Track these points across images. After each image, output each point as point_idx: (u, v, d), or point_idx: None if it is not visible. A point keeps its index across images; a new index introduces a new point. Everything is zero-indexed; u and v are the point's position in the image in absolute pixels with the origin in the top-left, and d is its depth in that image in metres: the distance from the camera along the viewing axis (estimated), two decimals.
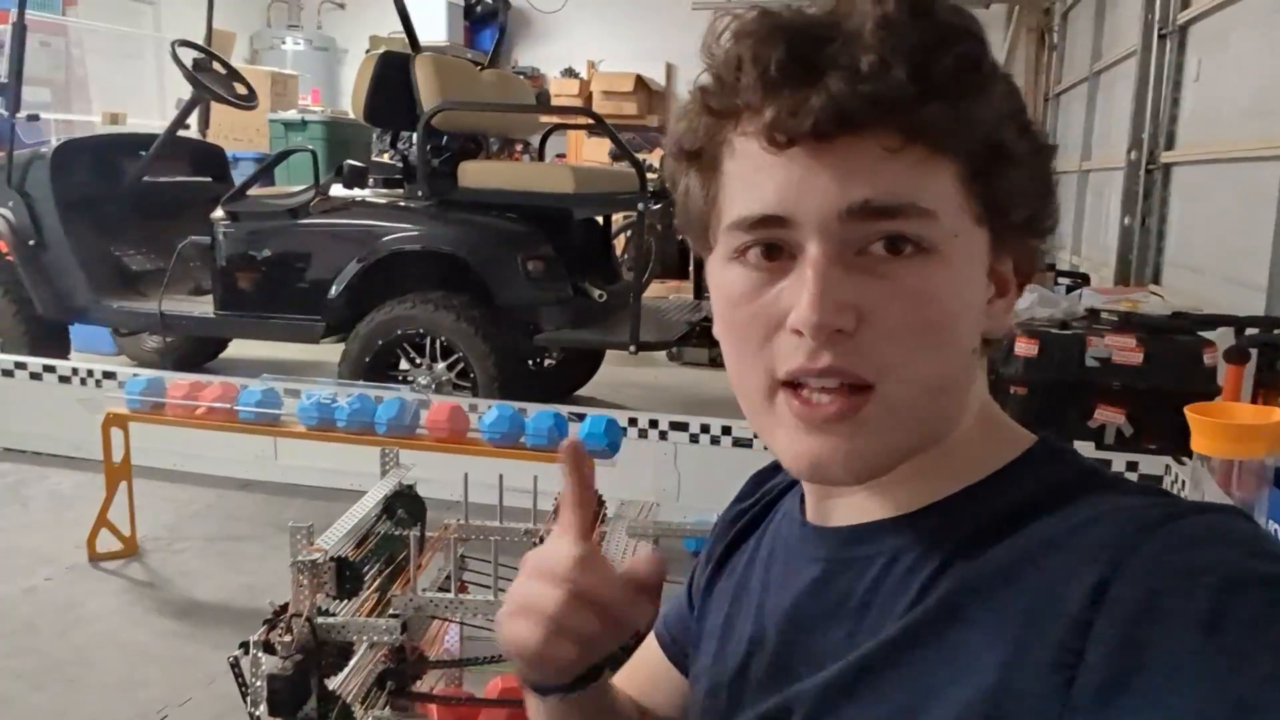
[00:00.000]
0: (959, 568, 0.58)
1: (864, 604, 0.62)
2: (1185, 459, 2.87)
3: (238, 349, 5.60)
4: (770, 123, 0.57)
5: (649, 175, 4.25)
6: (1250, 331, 2.98)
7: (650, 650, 0.89)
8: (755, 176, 0.59)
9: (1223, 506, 0.56)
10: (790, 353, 0.58)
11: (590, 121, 5.49)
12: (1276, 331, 2.78)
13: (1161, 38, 5.21)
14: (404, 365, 4.12)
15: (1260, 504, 1.98)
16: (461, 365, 4.06)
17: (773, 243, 0.59)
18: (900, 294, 0.57)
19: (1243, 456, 1.94)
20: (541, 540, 1.69)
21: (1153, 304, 3.62)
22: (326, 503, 3.62)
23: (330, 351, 4.44)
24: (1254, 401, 2.77)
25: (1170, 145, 5.20)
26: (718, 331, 0.65)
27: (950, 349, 0.60)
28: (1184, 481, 2.75)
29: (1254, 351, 2.93)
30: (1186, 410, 2.02)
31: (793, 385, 0.59)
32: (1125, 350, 3.15)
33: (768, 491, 0.82)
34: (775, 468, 0.83)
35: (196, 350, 5.50)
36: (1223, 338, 3.15)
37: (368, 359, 4.09)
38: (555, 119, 6.66)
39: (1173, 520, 0.52)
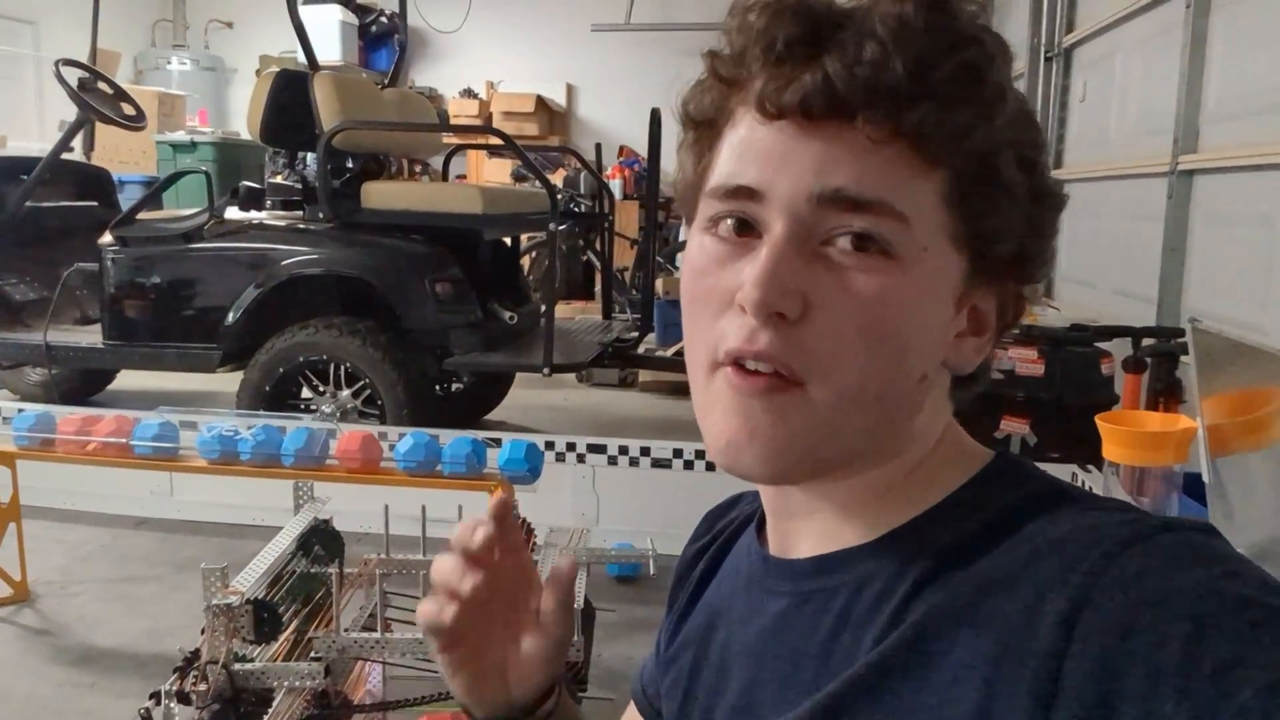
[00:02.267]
0: (926, 596, 0.56)
1: (831, 638, 0.60)
2: (1090, 467, 2.96)
3: (128, 381, 5.36)
4: (762, 92, 0.57)
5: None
6: (1148, 342, 3.09)
7: (632, 715, 0.85)
8: (741, 147, 0.59)
9: (1192, 523, 0.54)
10: (733, 332, 0.58)
11: (497, 141, 5.44)
12: (1174, 341, 2.89)
13: (1048, 60, 5.43)
14: (306, 393, 3.99)
15: (1171, 509, 2.04)
16: (368, 392, 3.95)
17: (744, 217, 0.59)
18: (851, 291, 0.56)
19: (1154, 464, 2.00)
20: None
21: (1050, 316, 3.74)
22: (228, 539, 3.49)
23: (227, 381, 4.27)
24: (1153, 409, 2.87)
25: (1058, 164, 5.41)
26: (682, 303, 0.64)
27: (890, 364, 0.58)
28: (1091, 488, 2.83)
29: (1149, 361, 3.05)
30: (1098, 420, 2.08)
31: (732, 364, 0.58)
32: (1028, 362, 3.24)
33: (723, 529, 0.79)
34: (728, 505, 0.81)
35: (83, 383, 5.24)
36: (1118, 348, 3.26)
37: (268, 388, 3.95)
38: (459, 139, 6.59)
39: (1141, 540, 0.51)
